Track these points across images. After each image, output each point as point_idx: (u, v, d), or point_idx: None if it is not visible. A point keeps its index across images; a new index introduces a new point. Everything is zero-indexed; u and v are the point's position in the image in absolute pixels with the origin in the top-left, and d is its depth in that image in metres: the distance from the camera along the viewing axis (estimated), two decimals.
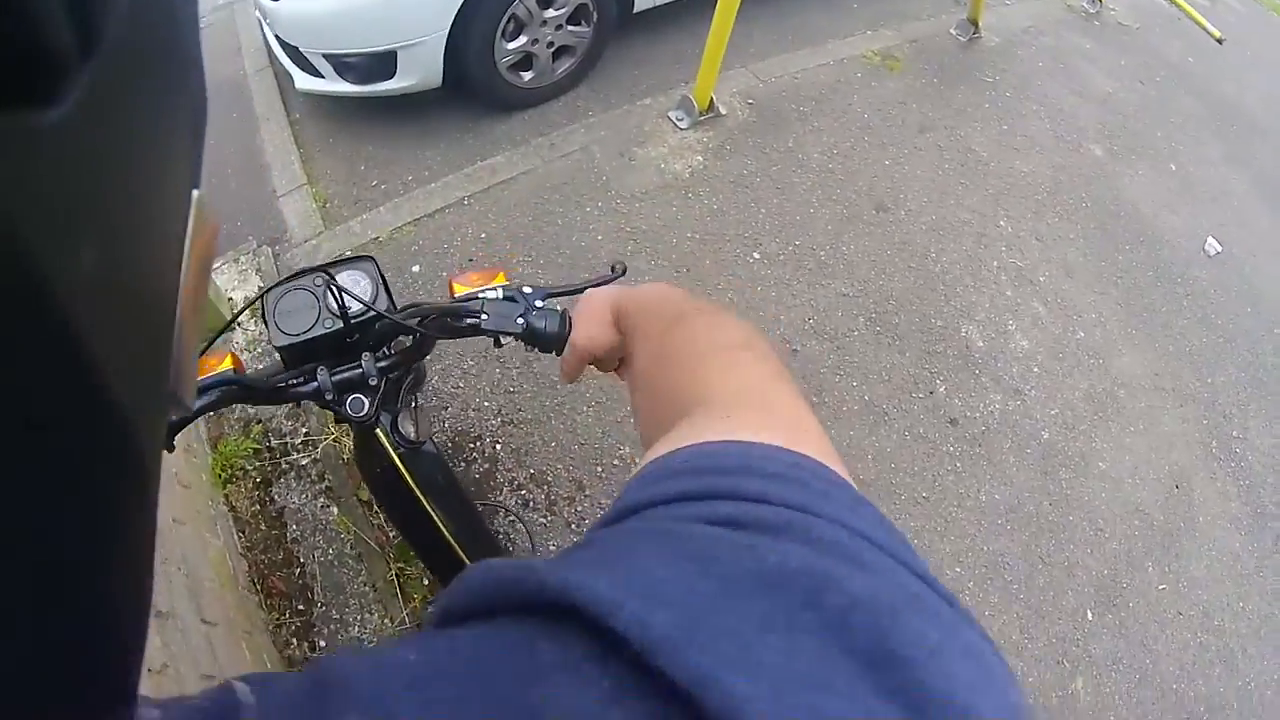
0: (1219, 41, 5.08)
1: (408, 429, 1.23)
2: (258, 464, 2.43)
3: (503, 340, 0.99)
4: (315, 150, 3.32)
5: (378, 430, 1.21)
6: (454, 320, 1.00)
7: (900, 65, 4.02)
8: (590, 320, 0.84)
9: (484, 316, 0.97)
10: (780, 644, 0.28)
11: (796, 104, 3.67)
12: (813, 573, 0.31)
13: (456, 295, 1.02)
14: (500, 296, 0.99)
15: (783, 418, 0.49)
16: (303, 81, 3.09)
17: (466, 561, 1.40)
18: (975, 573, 2.73)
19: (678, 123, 3.46)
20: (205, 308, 0.29)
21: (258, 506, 2.38)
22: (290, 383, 1.04)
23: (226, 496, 2.38)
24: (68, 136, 0.15)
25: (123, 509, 0.23)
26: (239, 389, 0.98)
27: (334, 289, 1.01)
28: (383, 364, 1.06)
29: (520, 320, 0.96)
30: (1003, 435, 2.99)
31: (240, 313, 1.15)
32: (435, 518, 1.35)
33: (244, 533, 2.34)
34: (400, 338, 1.12)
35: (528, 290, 1.00)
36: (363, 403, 1.05)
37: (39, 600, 0.19)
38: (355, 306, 1.02)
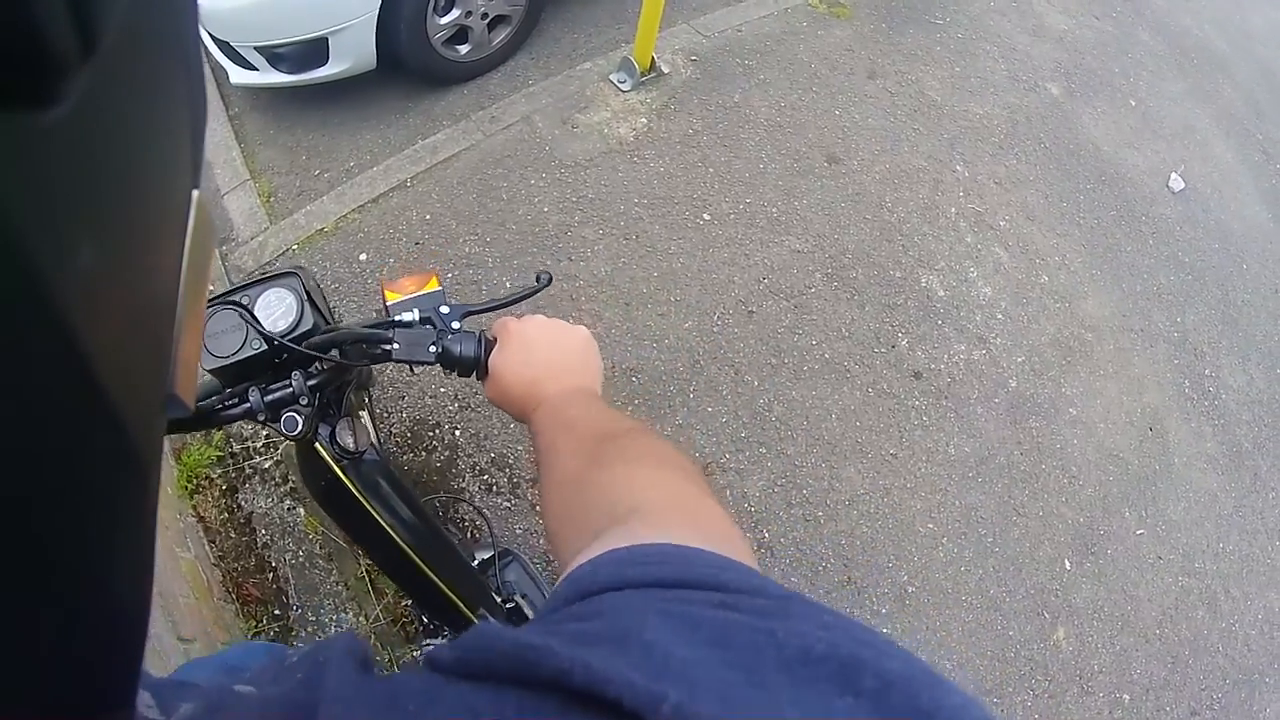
0: None
1: (346, 440, 1.20)
2: (222, 471, 2.40)
3: (416, 369, 0.96)
4: (256, 144, 3.21)
5: (316, 444, 1.19)
6: (369, 347, 1.00)
7: (847, 11, 3.89)
8: (503, 393, 0.87)
9: (395, 346, 0.95)
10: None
11: (741, 58, 3.54)
12: (840, 657, 0.30)
13: (388, 304, 1.02)
14: (417, 318, 0.99)
15: (716, 531, 0.50)
16: (237, 76, 2.99)
17: (422, 566, 1.37)
18: (949, 528, 2.68)
19: (620, 85, 3.33)
20: (204, 308, 0.30)
21: (226, 514, 2.36)
22: (223, 405, 1.03)
23: (194, 507, 2.35)
24: (67, 136, 0.16)
25: (122, 509, 0.23)
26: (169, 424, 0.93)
27: (248, 318, 1.00)
28: (313, 381, 1.05)
29: (433, 348, 0.95)
30: (969, 386, 2.93)
31: None
32: (385, 525, 1.31)
33: (215, 542, 2.32)
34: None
35: (445, 310, 1.00)
36: (296, 420, 1.04)
37: (39, 600, 0.20)
38: (280, 326, 1.02)
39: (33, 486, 0.18)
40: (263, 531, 2.33)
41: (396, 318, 1.00)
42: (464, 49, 3.24)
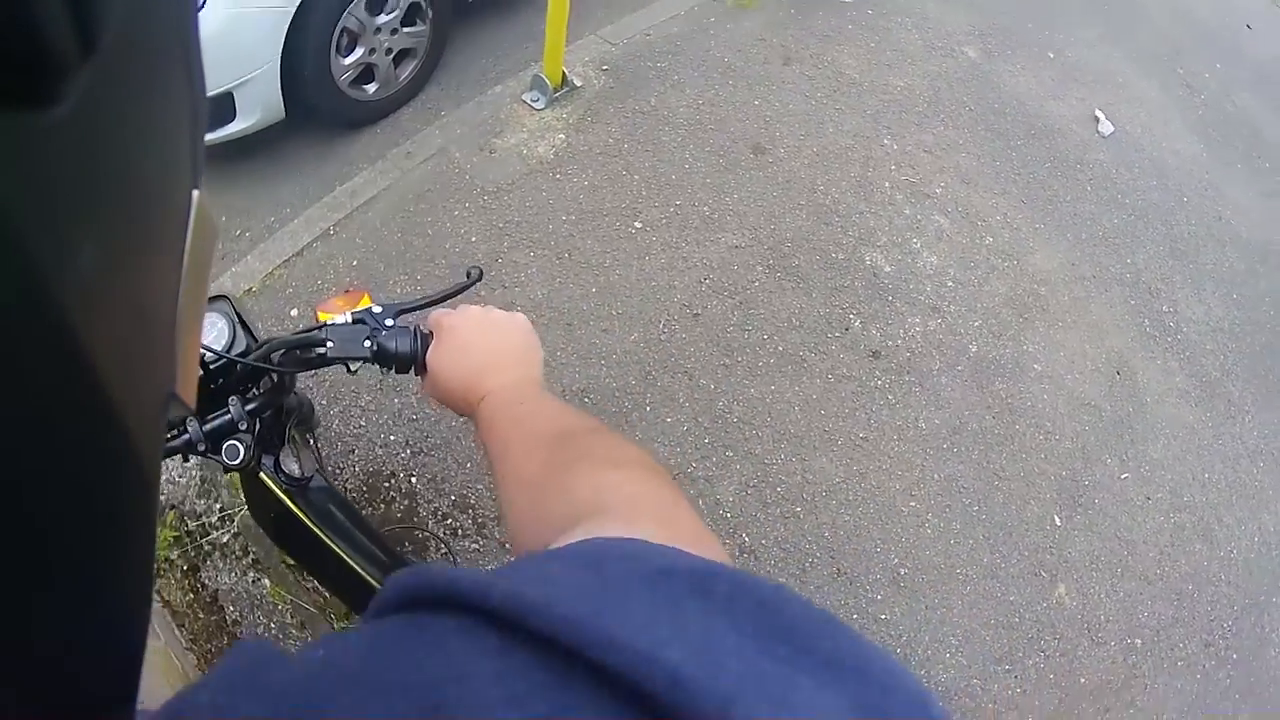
0: None
1: (291, 467, 1.21)
2: (180, 551, 2.31)
3: (353, 366, 0.97)
4: None
5: (262, 473, 1.20)
6: (303, 352, 1.00)
7: (754, 1, 3.87)
8: (443, 390, 0.85)
9: (330, 345, 0.95)
10: (669, 624, 0.28)
11: (653, 61, 3.50)
12: (698, 570, 0.32)
13: (324, 324, 1.01)
14: (348, 321, 0.98)
15: (685, 528, 0.50)
16: None
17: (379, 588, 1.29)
18: (931, 503, 2.65)
19: (533, 104, 3.28)
20: (204, 308, 0.31)
21: (191, 595, 2.28)
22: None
23: (158, 592, 2.27)
24: (67, 136, 0.16)
25: (122, 510, 0.23)
26: None
27: None
28: (251, 406, 1.05)
29: (368, 344, 0.94)
30: (929, 358, 2.89)
31: None
32: (340, 551, 1.29)
33: (184, 626, 2.24)
34: (266, 377, 1.12)
35: (377, 310, 0.99)
36: (238, 449, 1.03)
37: (39, 600, 0.20)
38: (209, 354, 1.03)
39: (33, 486, 0.18)
40: (231, 608, 2.26)
41: (329, 321, 0.99)
42: (371, 88, 3.19)
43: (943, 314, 2.98)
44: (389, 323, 0.97)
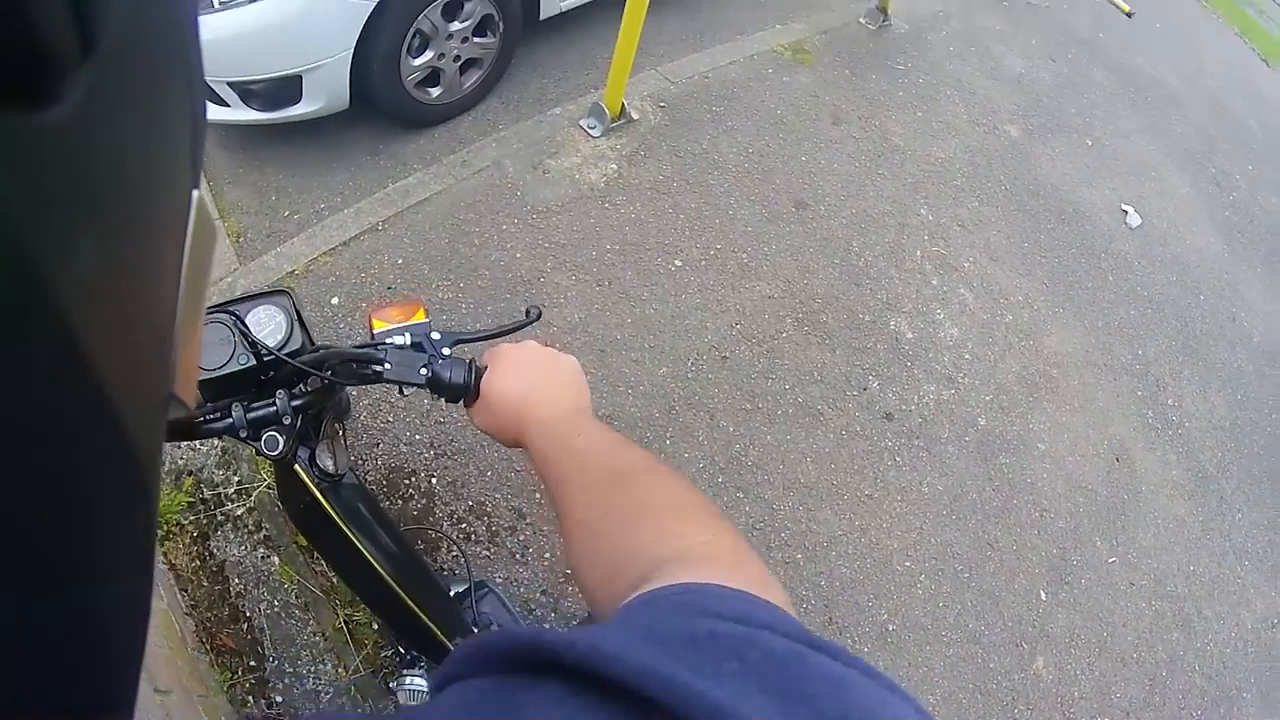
0: (1128, 15, 5.17)
1: (326, 462, 1.21)
2: (193, 518, 2.33)
3: (406, 390, 0.98)
4: (225, 183, 3.18)
5: (296, 465, 1.20)
6: (359, 367, 1.00)
7: (811, 58, 3.98)
8: (495, 416, 0.86)
9: (386, 366, 0.96)
10: (707, 682, 0.31)
11: (709, 104, 3.60)
12: (737, 636, 0.35)
13: (375, 331, 1.02)
14: (407, 343, 0.99)
15: (754, 576, 0.51)
16: (208, 111, 2.95)
17: (399, 592, 1.38)
18: (925, 565, 2.71)
19: (590, 131, 3.37)
20: (204, 308, 0.30)
21: (198, 562, 2.29)
22: (205, 418, 1.02)
23: (165, 554, 2.28)
24: (67, 136, 0.16)
25: (122, 509, 0.23)
26: None
27: (241, 329, 1.00)
28: (297, 402, 1.05)
29: (424, 371, 0.95)
30: (940, 425, 2.97)
31: None
32: (363, 549, 1.31)
33: (187, 591, 2.25)
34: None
35: (436, 336, 1.00)
36: (277, 440, 1.04)
37: (39, 600, 0.19)
38: (269, 344, 1.03)
39: (33, 486, 0.18)
40: (236, 580, 2.28)
41: (388, 341, 1.00)
42: (436, 91, 3.24)
43: (957, 385, 3.08)
44: (446, 351, 0.98)
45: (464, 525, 2.44)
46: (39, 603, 0.20)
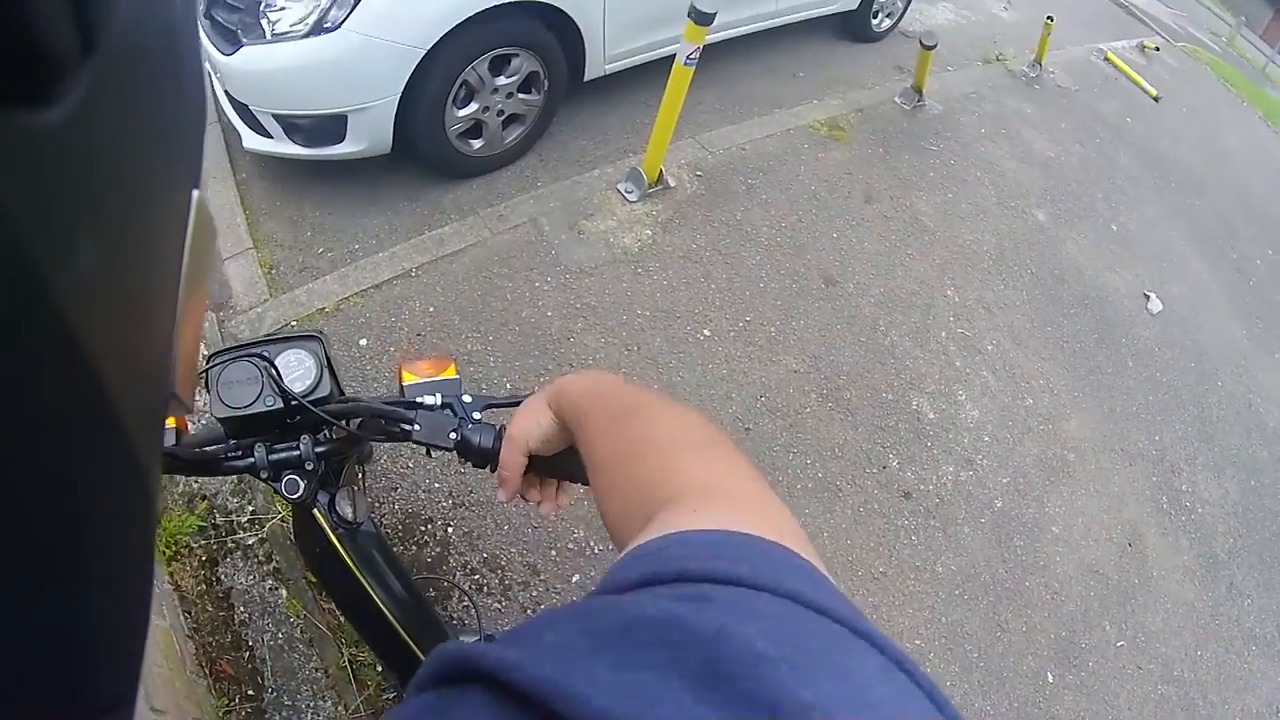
0: (1155, 100, 5.26)
1: (345, 509, 1.20)
2: (203, 542, 2.32)
3: (433, 453, 0.98)
4: (261, 213, 3.22)
5: (315, 510, 1.19)
6: (388, 424, 0.99)
7: (846, 135, 4.08)
8: (523, 413, 0.83)
9: (417, 427, 0.95)
10: (627, 675, 0.31)
11: (744, 176, 3.70)
12: (663, 619, 0.33)
13: (404, 384, 1.02)
14: (438, 403, 0.99)
15: (749, 506, 0.51)
16: (250, 141, 2.99)
17: (409, 642, 1.37)
18: (935, 644, 2.72)
19: (627, 195, 3.45)
20: (205, 308, 0.31)
21: (204, 586, 2.27)
22: (227, 455, 1.02)
23: (171, 574, 2.26)
24: (68, 136, 0.16)
25: (122, 511, 0.23)
26: (166, 459, 0.96)
27: (271, 373, 1.00)
28: (321, 449, 1.05)
29: (453, 435, 0.94)
30: (956, 506, 3.00)
31: None
32: (374, 596, 1.31)
33: (190, 613, 2.23)
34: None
35: (468, 399, 0.99)
36: (298, 484, 1.03)
37: (39, 600, 0.20)
38: (297, 388, 1.02)
39: (32, 486, 0.18)
40: (241, 609, 2.25)
41: (418, 399, 1.00)
42: (477, 144, 3.29)
43: (975, 466, 3.12)
44: (476, 416, 0.98)
45: (477, 577, 2.44)
46: (39, 603, 0.20)
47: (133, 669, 0.27)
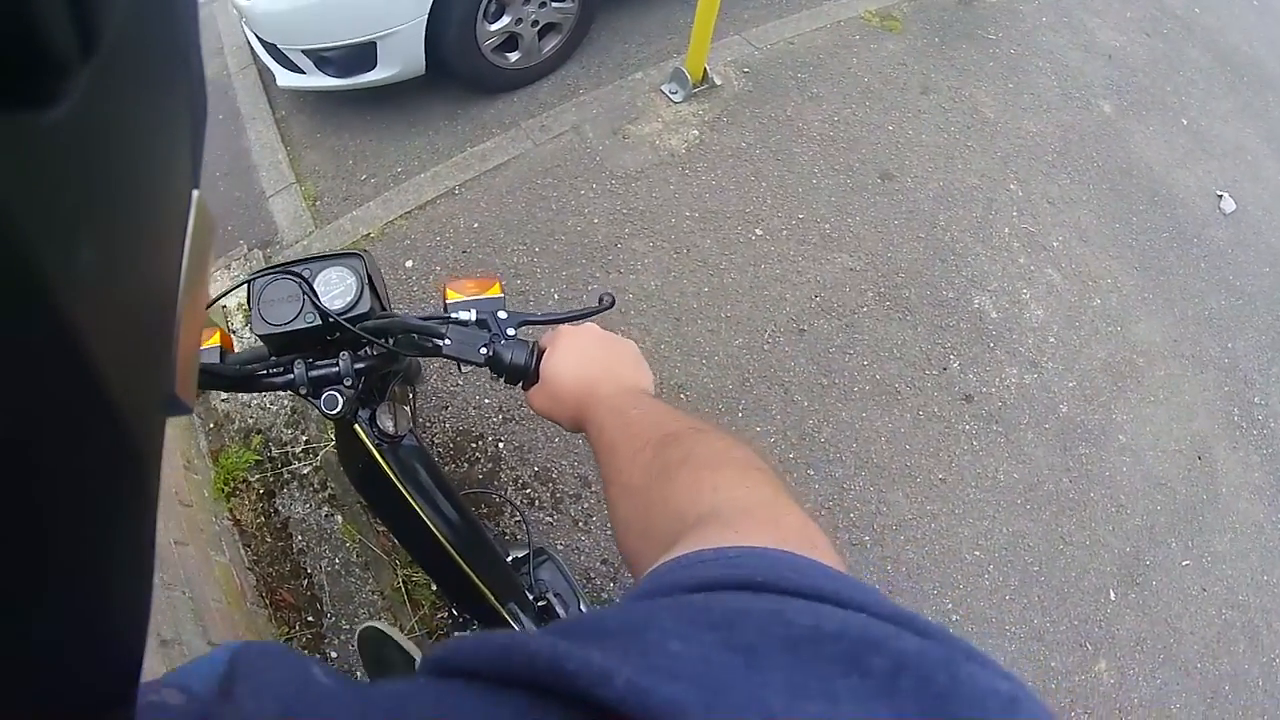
0: None
1: (386, 423, 1.22)
2: (259, 475, 2.40)
3: (464, 368, 0.97)
4: (302, 147, 3.22)
5: (356, 425, 1.20)
6: (420, 339, 1.01)
7: (900, 25, 3.86)
8: (554, 397, 0.85)
9: (447, 342, 0.97)
10: (817, 711, 0.26)
11: (794, 70, 3.51)
12: (851, 635, 0.29)
13: (447, 302, 1.03)
14: (473, 319, 1.00)
15: (793, 530, 0.48)
16: (284, 78, 3.01)
17: (453, 555, 1.37)
18: (994, 555, 2.66)
19: (671, 96, 3.31)
20: (204, 308, 0.30)
21: (262, 519, 2.35)
22: (267, 372, 1.05)
23: (230, 510, 2.35)
24: (68, 136, 0.16)
25: (121, 510, 0.23)
26: (208, 376, 1.01)
27: (307, 290, 1.01)
28: (360, 365, 1.06)
29: (484, 350, 0.95)
30: (1020, 411, 2.89)
31: (226, 292, 1.14)
32: (419, 510, 1.32)
33: (250, 546, 2.32)
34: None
35: (503, 315, 1.00)
36: (336, 399, 1.05)
37: (38, 600, 0.19)
38: (336, 305, 1.03)
39: (30, 486, 0.18)
40: (299, 537, 2.33)
41: (453, 315, 1.00)
42: (514, 56, 3.23)
43: (1040, 369, 2.99)
44: (510, 332, 0.98)
45: (528, 491, 2.45)
46: (38, 603, 0.20)
47: (133, 667, 0.27)
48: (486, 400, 2.55)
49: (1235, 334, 3.44)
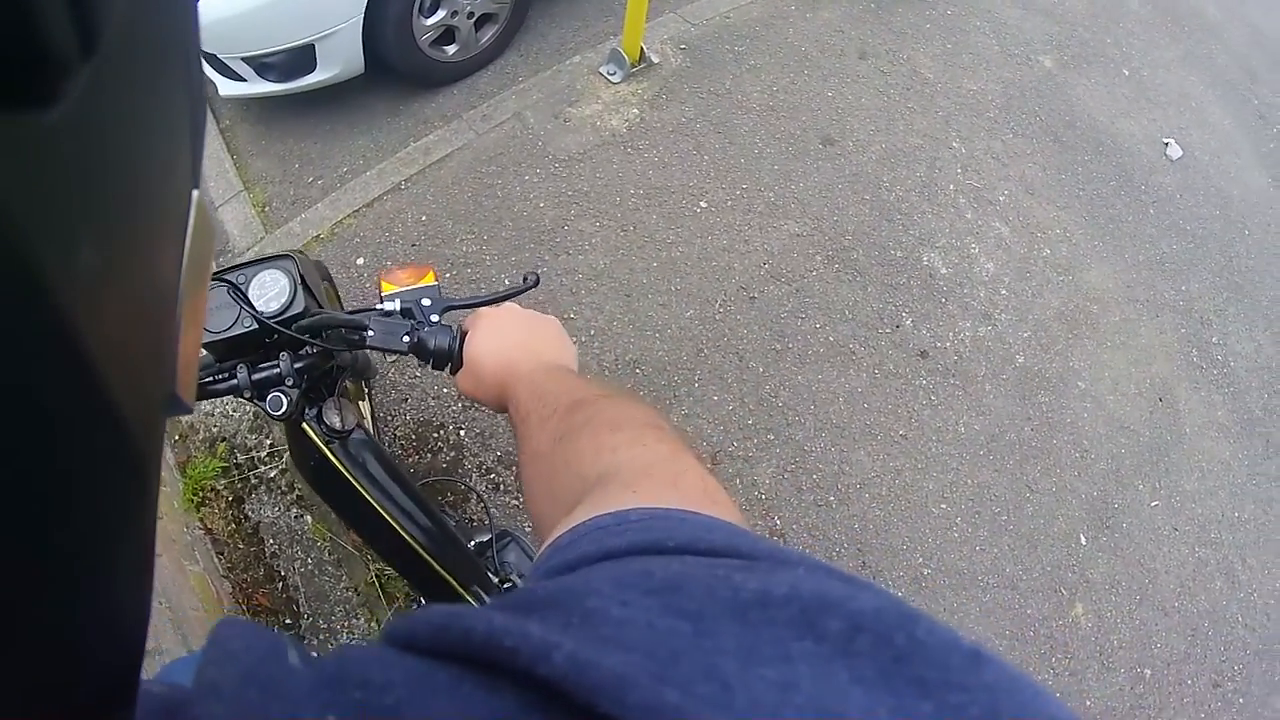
0: None
1: (333, 419, 1.23)
2: (227, 482, 2.39)
3: (389, 357, 0.97)
4: (249, 155, 3.20)
5: (304, 424, 1.22)
6: (348, 333, 1.04)
7: None
8: (477, 378, 0.86)
9: (370, 333, 0.99)
10: (774, 677, 0.25)
11: (731, 44, 3.51)
12: (803, 599, 0.28)
13: (383, 294, 1.05)
14: (396, 309, 1.02)
15: (693, 488, 0.47)
16: (226, 88, 2.99)
17: (412, 544, 1.38)
18: (961, 508, 2.67)
19: (610, 77, 3.30)
20: (204, 308, 0.30)
21: (233, 525, 2.35)
22: (213, 379, 1.06)
23: (201, 520, 2.34)
24: (67, 136, 0.16)
25: (122, 511, 0.22)
26: None
27: (239, 297, 1.04)
28: (300, 364, 1.08)
29: (407, 338, 0.98)
30: (976, 363, 2.90)
31: None
32: (373, 502, 1.33)
33: (223, 554, 2.31)
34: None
35: (427, 302, 1.03)
36: (281, 400, 1.07)
37: (38, 601, 0.19)
38: (272, 307, 1.05)
39: (31, 486, 0.17)
40: (271, 541, 2.32)
41: (379, 306, 1.03)
42: (451, 49, 3.21)
43: (994, 321, 3.00)
44: (434, 318, 1.01)
45: (492, 475, 2.45)
46: (39, 603, 0.20)
47: (133, 668, 0.26)
48: (445, 390, 2.54)
49: (1188, 277, 3.47)
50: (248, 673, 0.31)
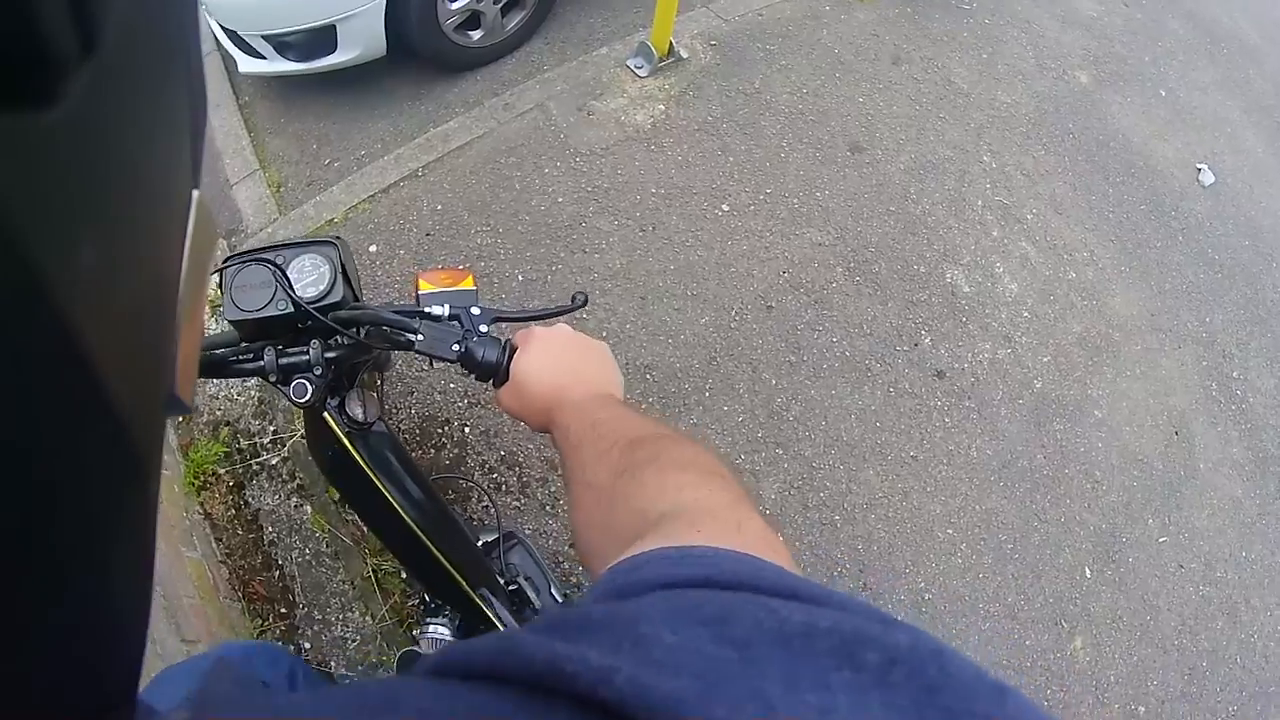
0: None
1: (355, 411, 1.21)
2: (228, 468, 2.37)
3: (435, 365, 1.00)
4: (266, 133, 3.16)
5: (325, 413, 1.20)
6: (392, 332, 0.99)
7: None
8: (522, 397, 0.86)
9: (419, 337, 0.95)
10: (815, 702, 0.26)
11: (762, 42, 3.44)
12: (844, 632, 0.29)
13: (420, 293, 1.02)
14: (445, 314, 0.98)
15: (755, 535, 0.48)
16: (246, 65, 2.96)
17: (425, 541, 1.36)
18: (968, 533, 2.62)
19: (637, 71, 3.24)
20: (204, 308, 0.31)
21: (233, 511, 2.34)
22: (238, 358, 1.04)
23: (201, 504, 2.34)
24: (68, 136, 0.16)
25: (122, 510, 0.23)
26: None
27: (280, 278, 1.01)
28: (330, 354, 1.05)
29: (457, 347, 0.94)
30: (993, 386, 2.85)
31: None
32: (389, 497, 1.31)
33: (221, 540, 2.31)
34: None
35: (476, 311, 0.99)
36: (305, 388, 1.04)
37: (39, 600, 0.20)
38: (309, 293, 1.03)
39: (32, 486, 0.17)
40: (269, 529, 2.31)
41: (426, 309, 0.99)
42: (476, 34, 3.17)
43: (1014, 344, 2.94)
44: (483, 329, 0.98)
45: (495, 475, 2.41)
46: (39, 603, 0.20)
47: (133, 668, 0.26)
48: (452, 385, 2.50)
49: (1213, 307, 3.40)
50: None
